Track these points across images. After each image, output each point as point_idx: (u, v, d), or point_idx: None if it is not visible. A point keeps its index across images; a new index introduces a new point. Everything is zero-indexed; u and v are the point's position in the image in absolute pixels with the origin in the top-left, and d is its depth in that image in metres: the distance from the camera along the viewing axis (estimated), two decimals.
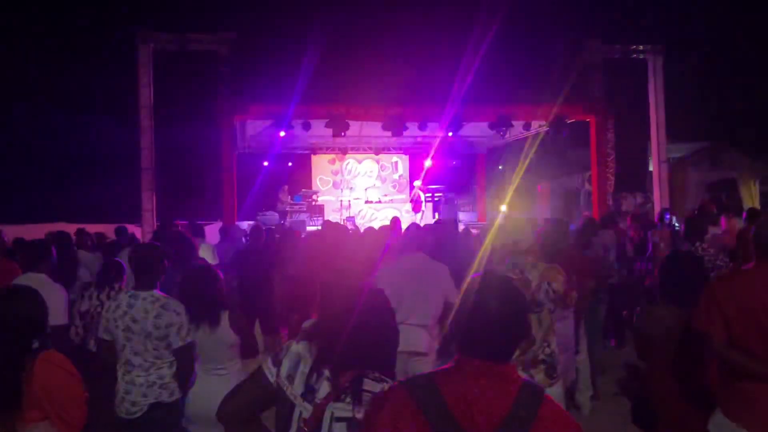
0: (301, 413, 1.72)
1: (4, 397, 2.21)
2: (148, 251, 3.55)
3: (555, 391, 3.22)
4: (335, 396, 1.69)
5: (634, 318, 3.37)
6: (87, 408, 2.46)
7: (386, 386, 1.71)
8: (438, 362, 4.02)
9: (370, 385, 1.72)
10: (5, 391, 2.22)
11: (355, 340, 1.72)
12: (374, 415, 1.52)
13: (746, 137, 17.75)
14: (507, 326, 1.51)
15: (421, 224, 9.58)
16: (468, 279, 1.68)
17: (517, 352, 3.16)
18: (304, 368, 1.76)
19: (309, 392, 1.72)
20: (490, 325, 1.51)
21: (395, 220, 8.45)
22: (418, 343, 3.92)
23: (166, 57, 13.44)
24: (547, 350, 3.26)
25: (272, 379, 1.79)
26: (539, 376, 3.21)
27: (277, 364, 1.81)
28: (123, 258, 5.22)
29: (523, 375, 3.13)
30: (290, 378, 1.77)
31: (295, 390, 1.75)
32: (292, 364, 1.79)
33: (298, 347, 1.82)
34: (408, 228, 4.99)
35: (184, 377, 3.25)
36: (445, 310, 4.03)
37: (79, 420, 2.41)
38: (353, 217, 15.58)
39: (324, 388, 1.72)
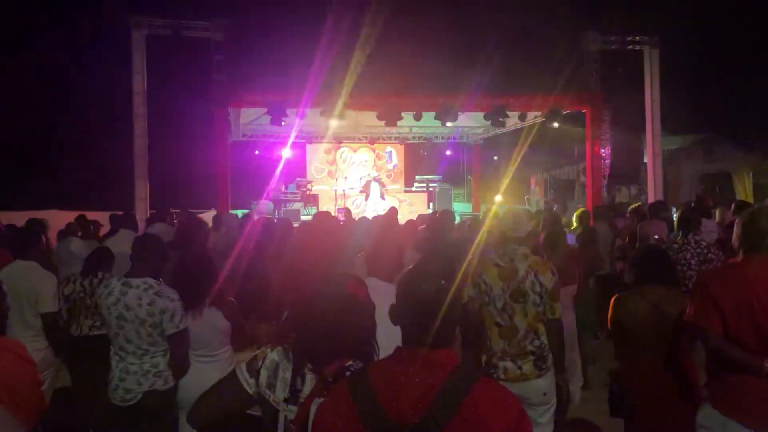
0: (286, 416, 1.74)
1: None
2: (145, 240, 3.55)
3: (544, 383, 3.22)
4: (319, 391, 1.69)
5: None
6: (42, 392, 2.45)
7: None
8: None
9: None
10: None
11: (332, 333, 1.73)
12: (320, 408, 1.55)
13: (741, 130, 17.79)
14: (431, 312, 1.50)
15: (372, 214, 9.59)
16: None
17: (503, 344, 3.19)
18: (284, 374, 1.77)
19: (293, 395, 1.73)
20: (415, 312, 1.51)
21: (392, 210, 8.43)
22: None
23: (160, 43, 13.35)
24: (536, 342, 3.23)
25: (251, 390, 1.79)
26: (527, 366, 3.20)
27: (255, 374, 1.80)
28: (111, 245, 5.19)
29: (508, 365, 3.16)
30: (271, 386, 1.77)
31: (277, 397, 1.76)
32: (270, 372, 1.79)
33: (273, 355, 1.81)
34: (376, 218, 5.06)
35: (179, 363, 3.25)
36: None
37: (36, 405, 2.40)
38: (345, 208, 15.54)
39: (308, 385, 1.73)
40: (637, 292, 3.19)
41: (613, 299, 3.31)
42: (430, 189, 18.18)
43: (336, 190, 17.51)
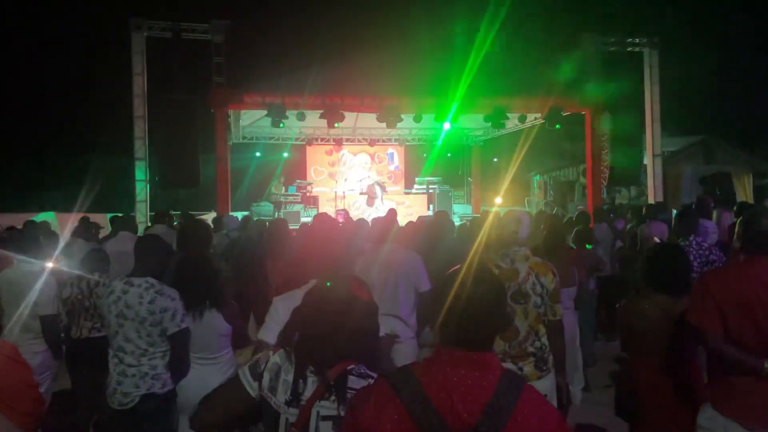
0: (287, 419, 1.73)
1: None
2: (147, 241, 3.55)
3: (545, 385, 3.21)
4: (321, 394, 1.69)
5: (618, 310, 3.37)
6: (39, 395, 2.42)
7: (371, 382, 1.70)
8: (418, 350, 4.05)
9: (355, 383, 1.71)
10: None
11: (334, 335, 1.73)
12: (358, 410, 1.52)
13: (740, 131, 17.80)
14: (487, 317, 1.53)
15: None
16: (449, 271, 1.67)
17: (504, 345, 3.19)
18: (286, 377, 1.77)
19: (294, 398, 1.73)
20: (470, 316, 1.52)
21: (391, 212, 8.42)
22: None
23: (160, 46, 13.36)
24: (537, 343, 3.23)
25: (254, 394, 1.79)
26: (528, 368, 3.19)
27: (257, 377, 1.80)
28: (111, 247, 5.19)
29: (509, 366, 3.16)
30: (272, 389, 1.77)
31: (278, 399, 1.75)
32: (272, 375, 1.79)
33: (276, 358, 1.81)
34: (376, 220, 5.05)
35: (179, 363, 3.24)
36: (418, 299, 4.06)
37: (33, 409, 2.37)
38: (345, 210, 15.53)
39: (310, 388, 1.73)
40: (647, 295, 3.13)
41: (623, 302, 3.28)
42: (430, 191, 18.17)
43: (336, 192, 17.50)
